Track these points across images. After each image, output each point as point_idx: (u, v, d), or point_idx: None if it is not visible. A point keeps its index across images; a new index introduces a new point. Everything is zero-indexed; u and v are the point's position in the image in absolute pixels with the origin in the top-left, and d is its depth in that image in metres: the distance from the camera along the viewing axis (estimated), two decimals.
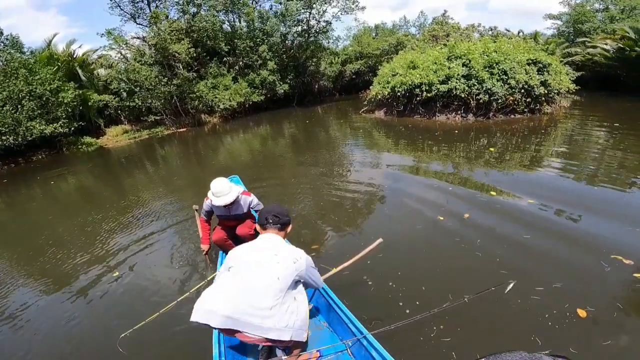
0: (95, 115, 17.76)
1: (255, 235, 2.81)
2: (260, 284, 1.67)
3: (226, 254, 3.14)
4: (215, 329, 1.68)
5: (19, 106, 13.65)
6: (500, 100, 9.77)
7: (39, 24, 66.53)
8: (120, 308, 3.11)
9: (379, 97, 12.68)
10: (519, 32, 22.34)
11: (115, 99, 17.79)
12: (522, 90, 9.71)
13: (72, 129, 15.55)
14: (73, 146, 15.83)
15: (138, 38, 18.18)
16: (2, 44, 14.97)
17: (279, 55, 19.86)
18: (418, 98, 11.03)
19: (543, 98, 10.07)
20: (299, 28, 21.00)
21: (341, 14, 21.29)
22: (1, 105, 13.24)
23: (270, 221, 1.91)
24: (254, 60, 18.88)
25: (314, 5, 19.88)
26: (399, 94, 11.46)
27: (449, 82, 10.26)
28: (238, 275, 1.73)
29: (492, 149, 6.90)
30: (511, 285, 2.27)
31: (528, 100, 9.91)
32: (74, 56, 17.96)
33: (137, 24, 18.77)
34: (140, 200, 6.41)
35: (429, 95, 10.64)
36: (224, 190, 2.71)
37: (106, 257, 4.16)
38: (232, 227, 3.18)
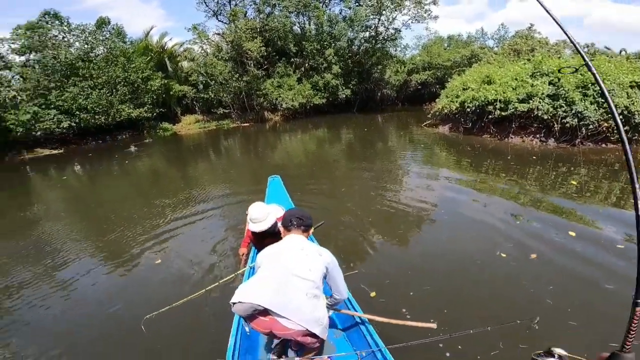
0: (175, 104, 19.64)
1: None
2: (294, 274, 1.73)
3: (258, 250, 3.17)
4: (253, 308, 1.67)
5: (114, 90, 15.61)
6: (591, 126, 8.52)
7: (141, 15, 76.28)
8: (153, 289, 3.37)
9: (445, 111, 11.92)
10: (620, 51, 19.48)
11: (193, 90, 19.46)
12: (621, 117, 8.32)
13: (155, 114, 17.38)
14: (152, 130, 17.66)
15: (218, 34, 19.65)
16: (109, 33, 17.09)
17: (344, 60, 19.88)
18: (490, 116, 10.11)
19: None
20: (367, 34, 20.80)
21: (412, 22, 20.61)
22: (100, 88, 15.25)
23: (295, 223, 1.95)
24: (320, 63, 19.17)
25: (384, 12, 19.52)
26: (468, 109, 10.64)
27: (531, 101, 9.22)
28: (271, 270, 1.78)
29: (574, 182, 6.00)
30: (537, 320, 2.12)
31: (626, 128, 8.48)
32: (165, 48, 20.05)
33: (219, 20, 20.28)
34: (198, 188, 6.83)
35: (503, 113, 9.69)
36: (260, 218, 2.83)
37: (154, 237, 4.51)
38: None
